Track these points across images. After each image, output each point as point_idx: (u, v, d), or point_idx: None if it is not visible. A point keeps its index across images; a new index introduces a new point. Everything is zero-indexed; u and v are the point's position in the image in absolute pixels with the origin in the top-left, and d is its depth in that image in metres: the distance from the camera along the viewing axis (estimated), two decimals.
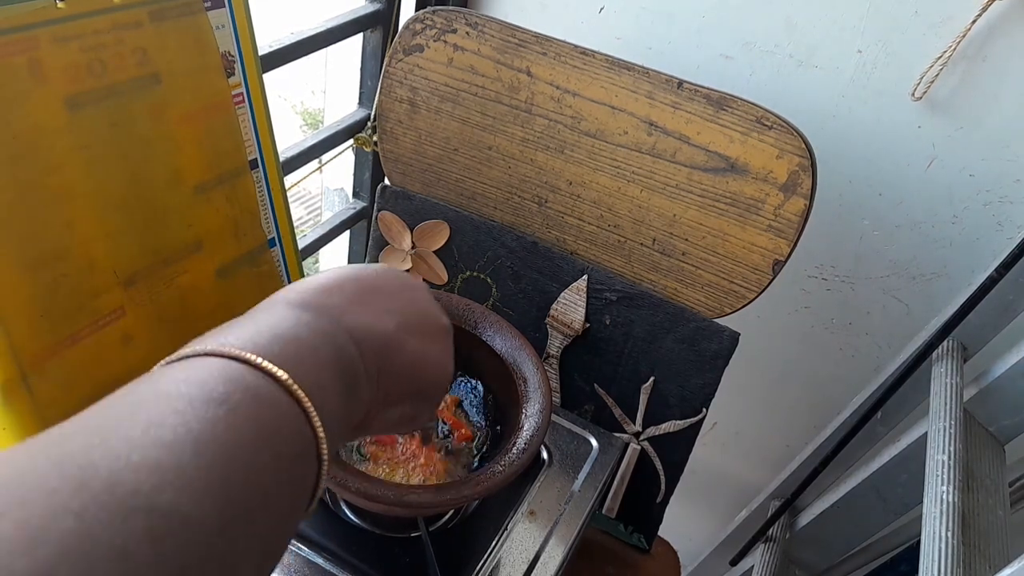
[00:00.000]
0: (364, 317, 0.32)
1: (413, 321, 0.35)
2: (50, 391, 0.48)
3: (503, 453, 0.52)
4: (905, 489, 0.79)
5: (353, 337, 0.31)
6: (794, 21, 0.73)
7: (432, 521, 0.58)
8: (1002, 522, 0.64)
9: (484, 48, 0.67)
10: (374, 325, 0.32)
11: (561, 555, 0.57)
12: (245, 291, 0.64)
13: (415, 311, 0.35)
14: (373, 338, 0.32)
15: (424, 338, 0.35)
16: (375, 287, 0.34)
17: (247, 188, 0.60)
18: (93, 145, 0.47)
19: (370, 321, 0.32)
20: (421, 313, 0.36)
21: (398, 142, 0.75)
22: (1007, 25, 0.65)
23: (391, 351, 0.33)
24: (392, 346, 0.33)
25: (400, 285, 0.36)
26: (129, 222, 0.51)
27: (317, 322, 0.29)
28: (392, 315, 0.34)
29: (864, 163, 0.77)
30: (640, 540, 0.80)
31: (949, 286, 0.80)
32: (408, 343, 0.34)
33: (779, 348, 0.95)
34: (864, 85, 0.73)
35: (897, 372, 0.77)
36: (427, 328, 0.36)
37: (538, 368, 0.58)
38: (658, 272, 0.69)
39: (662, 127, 0.63)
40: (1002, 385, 0.71)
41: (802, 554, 0.95)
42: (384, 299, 0.34)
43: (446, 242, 0.76)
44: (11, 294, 0.44)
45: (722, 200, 0.63)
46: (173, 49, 0.50)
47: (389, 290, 0.35)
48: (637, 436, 0.75)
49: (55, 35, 0.42)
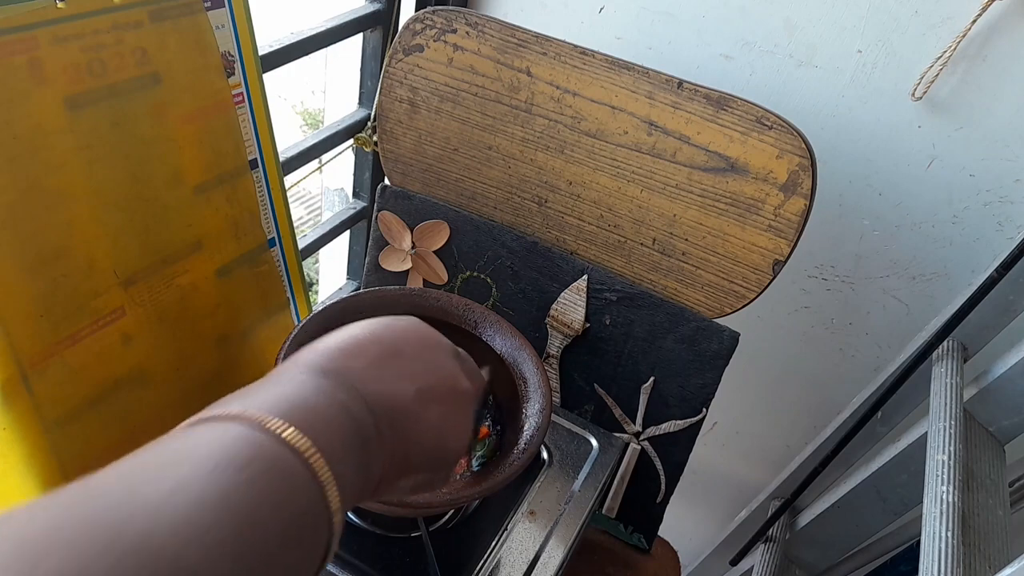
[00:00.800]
0: (383, 385, 0.32)
1: (433, 386, 0.34)
2: (50, 391, 0.48)
3: (503, 453, 0.52)
4: (905, 489, 0.79)
5: (371, 408, 0.31)
6: (794, 21, 0.73)
7: (432, 521, 0.58)
8: (1002, 522, 0.64)
9: (484, 48, 0.67)
10: (394, 394, 0.32)
11: (561, 555, 0.57)
12: (245, 291, 0.64)
13: (437, 376, 0.35)
14: (391, 408, 0.32)
15: (444, 405, 0.34)
16: (397, 350, 0.34)
17: (247, 188, 0.60)
18: (93, 145, 0.47)
19: (389, 390, 0.32)
20: (443, 378, 0.35)
21: (398, 142, 0.75)
22: (1007, 25, 0.65)
23: (409, 422, 0.32)
24: (410, 416, 0.32)
25: (423, 346, 0.36)
26: (129, 222, 0.51)
27: (335, 390, 0.30)
28: (413, 380, 0.33)
29: (864, 163, 0.77)
30: (640, 540, 0.80)
31: (949, 286, 0.80)
32: (426, 412, 0.33)
33: (779, 348, 0.95)
34: (864, 85, 0.73)
35: (897, 372, 0.77)
36: (448, 394, 0.35)
37: (538, 368, 0.58)
38: (658, 272, 0.69)
39: (662, 127, 0.63)
40: (1002, 385, 0.71)
41: (802, 554, 0.95)
42: (406, 363, 0.34)
43: (446, 242, 0.76)
44: (11, 294, 0.44)
45: (722, 200, 0.63)
46: (173, 49, 0.50)
47: (411, 353, 0.34)
48: (637, 436, 0.75)
49: (55, 35, 0.42)
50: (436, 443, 0.34)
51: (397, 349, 0.34)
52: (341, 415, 0.29)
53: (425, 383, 0.34)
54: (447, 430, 0.34)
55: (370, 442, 0.30)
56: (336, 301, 0.60)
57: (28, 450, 0.48)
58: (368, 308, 0.61)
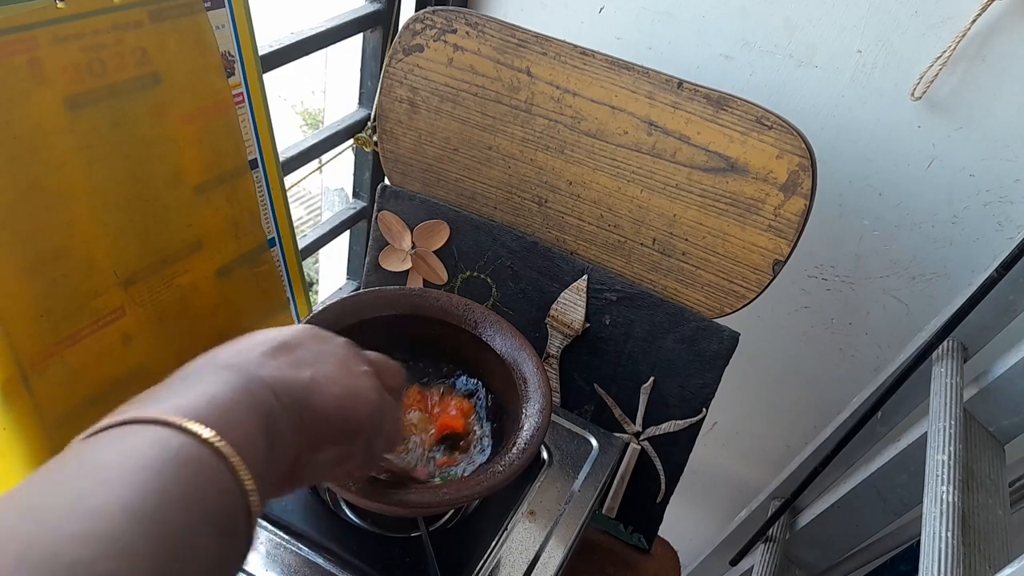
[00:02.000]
0: (281, 371, 0.33)
1: (330, 370, 0.36)
2: (50, 391, 0.48)
3: (503, 453, 0.52)
4: (905, 489, 0.79)
5: (271, 388, 0.32)
6: (794, 21, 0.73)
7: (432, 521, 0.58)
8: (1002, 522, 0.64)
9: (484, 48, 0.67)
10: (291, 376, 0.33)
11: (561, 555, 0.57)
12: (245, 291, 0.64)
13: (332, 361, 0.36)
14: (289, 387, 0.33)
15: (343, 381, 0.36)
16: (288, 344, 0.35)
17: (247, 188, 0.60)
18: (93, 145, 0.47)
19: (287, 374, 0.33)
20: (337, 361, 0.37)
21: (398, 142, 0.75)
22: (1007, 25, 0.65)
23: (309, 395, 0.34)
24: (311, 391, 0.34)
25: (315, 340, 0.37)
26: (129, 222, 0.51)
27: (235, 378, 0.30)
28: (308, 366, 0.35)
29: (864, 163, 0.77)
30: (640, 540, 0.80)
31: (949, 286, 0.80)
32: (326, 387, 0.35)
33: (779, 348, 0.95)
34: (864, 85, 0.73)
35: (897, 372, 0.77)
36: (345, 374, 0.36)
37: (538, 368, 0.58)
38: (658, 272, 0.69)
39: (662, 127, 0.63)
40: (1002, 385, 0.71)
41: (802, 554, 0.95)
42: (302, 353, 0.35)
43: (446, 242, 0.76)
44: (11, 294, 0.44)
45: (722, 200, 0.63)
46: (173, 49, 0.50)
47: (305, 345, 0.36)
48: (637, 436, 0.75)
49: (55, 35, 0.42)
50: (341, 413, 0.35)
51: (290, 344, 0.35)
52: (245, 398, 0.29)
53: (321, 368, 0.35)
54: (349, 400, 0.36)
55: (276, 418, 0.31)
56: (336, 301, 0.60)
57: (28, 450, 0.48)
58: (368, 308, 0.61)
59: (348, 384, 0.36)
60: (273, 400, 0.31)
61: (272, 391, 0.31)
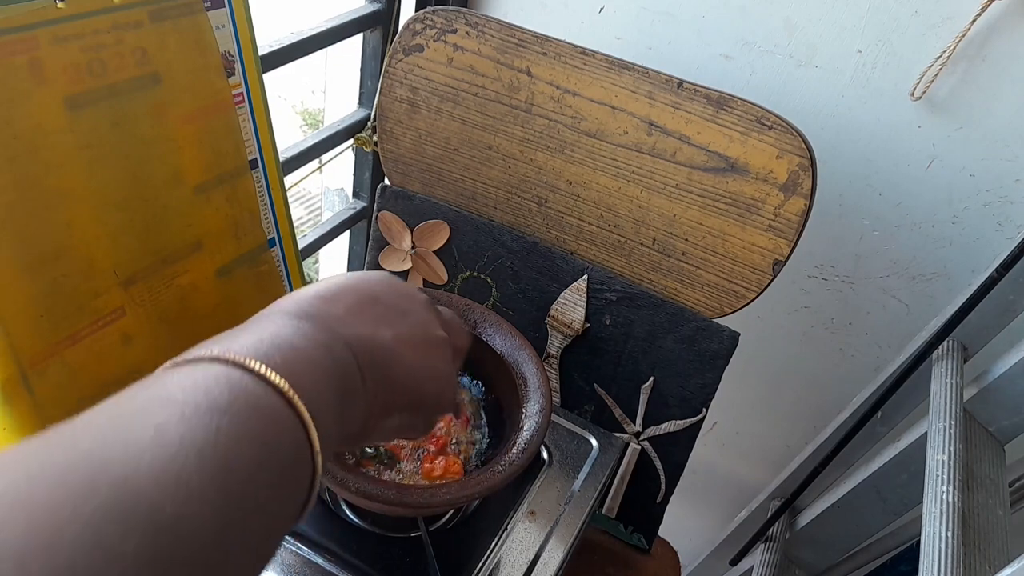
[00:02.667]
0: (361, 328, 0.32)
1: (410, 332, 0.35)
2: (50, 391, 0.48)
3: (503, 453, 0.52)
4: (905, 489, 0.79)
5: (351, 348, 0.31)
6: (794, 21, 0.73)
7: (432, 521, 0.58)
8: (1002, 522, 0.64)
9: (484, 48, 0.67)
10: (372, 336, 0.33)
11: (561, 555, 0.57)
12: (245, 291, 0.64)
13: (413, 322, 0.36)
14: (370, 349, 0.32)
15: (422, 349, 0.35)
16: (373, 297, 0.35)
17: (247, 188, 0.60)
18: (93, 145, 0.47)
19: (368, 332, 0.32)
20: (419, 323, 0.36)
21: (398, 142, 0.75)
22: (1007, 25, 0.65)
23: (388, 361, 0.33)
24: (389, 357, 0.33)
25: (398, 296, 0.36)
26: (129, 222, 0.51)
27: (316, 332, 0.30)
28: (390, 326, 0.34)
29: (864, 163, 0.77)
30: (640, 540, 0.80)
31: (949, 286, 0.80)
32: (406, 354, 0.34)
33: (779, 348, 0.95)
34: (864, 85, 0.73)
35: (897, 372, 0.77)
36: (425, 339, 0.36)
37: (538, 368, 0.58)
38: (658, 272, 0.69)
39: (662, 127, 0.63)
40: (1002, 385, 0.71)
41: (802, 554, 0.95)
42: (382, 309, 0.34)
43: (446, 242, 0.76)
44: (11, 294, 0.44)
45: (722, 200, 0.63)
46: (173, 49, 0.50)
47: (387, 301, 0.35)
48: (637, 436, 0.75)
49: (55, 35, 0.42)
50: (415, 384, 0.34)
51: (374, 296, 0.35)
52: (322, 355, 0.29)
53: (402, 328, 0.34)
54: (424, 372, 0.35)
55: (353, 380, 0.30)
56: None
57: None
58: None
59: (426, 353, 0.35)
60: (352, 362, 0.31)
61: (352, 352, 0.31)
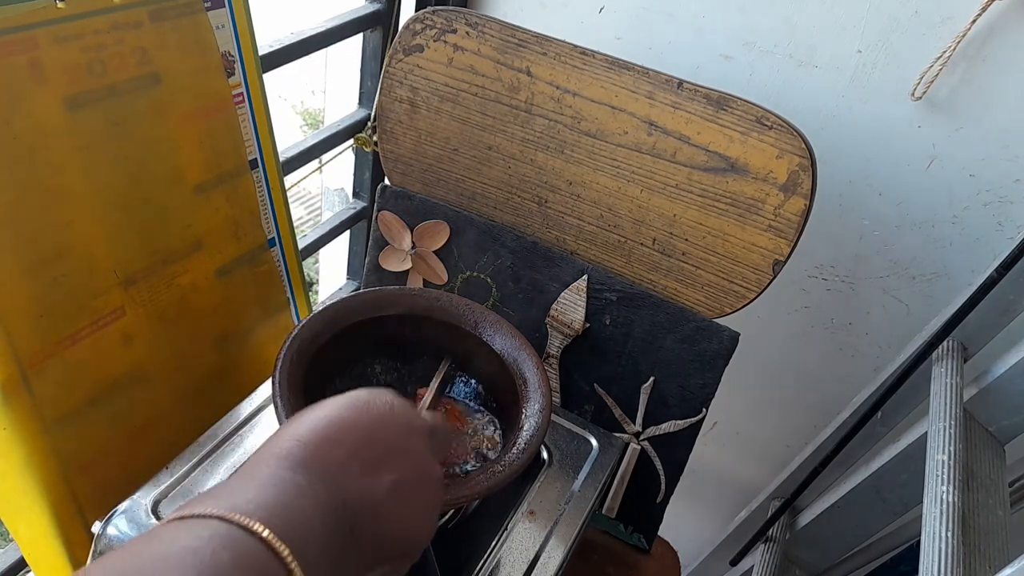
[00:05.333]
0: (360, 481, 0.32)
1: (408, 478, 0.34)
2: (50, 391, 0.48)
3: (503, 453, 0.52)
4: (905, 489, 0.79)
5: (347, 505, 0.31)
6: (794, 21, 0.73)
7: None
8: (1002, 522, 0.64)
9: (484, 48, 0.67)
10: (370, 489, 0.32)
11: (561, 555, 0.57)
12: (245, 291, 0.64)
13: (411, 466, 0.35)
14: (367, 504, 0.32)
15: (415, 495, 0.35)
16: (373, 438, 0.34)
17: (247, 188, 0.60)
18: (93, 145, 0.47)
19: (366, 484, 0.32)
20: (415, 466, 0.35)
21: (398, 142, 0.75)
22: (1007, 25, 0.65)
23: (383, 514, 0.33)
24: (384, 510, 0.33)
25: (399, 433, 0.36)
26: (129, 222, 0.51)
27: (317, 489, 0.30)
28: (388, 472, 0.33)
29: (864, 163, 0.77)
30: (640, 540, 0.80)
31: (949, 286, 0.80)
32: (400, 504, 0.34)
33: (779, 348, 0.95)
34: (864, 85, 0.73)
35: (897, 372, 0.77)
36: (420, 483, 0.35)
37: (538, 368, 0.58)
38: (658, 272, 0.69)
39: (662, 127, 0.63)
40: (1002, 385, 0.71)
41: (802, 554, 0.95)
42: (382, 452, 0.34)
43: (446, 242, 0.76)
44: (11, 294, 0.44)
45: (722, 200, 0.63)
46: (173, 49, 0.50)
47: (388, 441, 0.35)
48: (637, 436, 0.75)
49: (55, 35, 0.42)
50: (407, 534, 0.34)
51: (375, 437, 0.34)
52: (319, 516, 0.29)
53: (399, 474, 0.34)
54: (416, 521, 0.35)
55: (346, 540, 0.31)
56: (336, 301, 0.60)
57: (28, 450, 0.48)
58: (368, 308, 0.60)
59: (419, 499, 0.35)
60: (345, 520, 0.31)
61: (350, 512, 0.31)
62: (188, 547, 0.24)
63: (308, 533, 0.28)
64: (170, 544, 0.25)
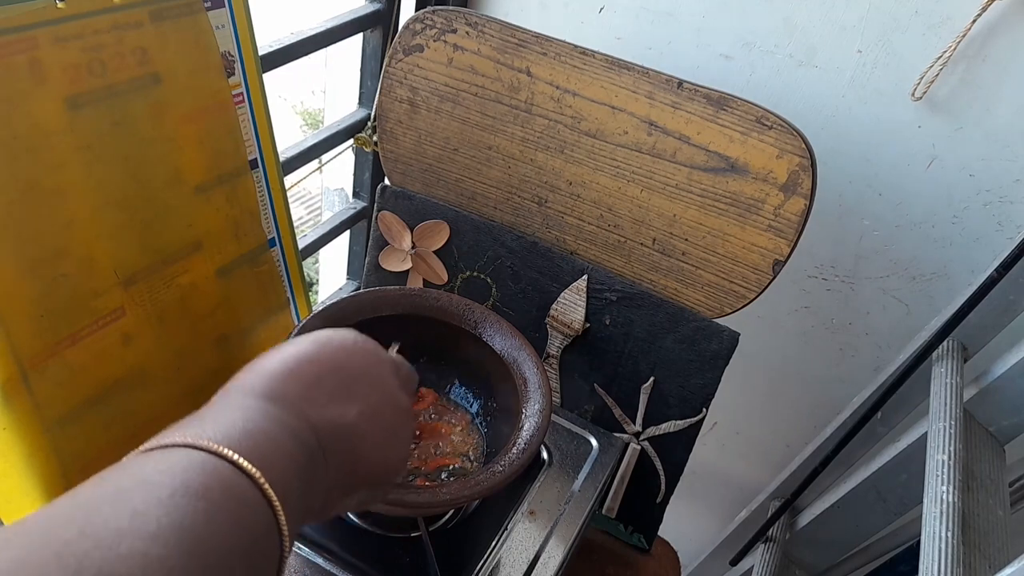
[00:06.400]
0: (327, 407, 0.33)
1: (375, 404, 0.35)
2: (50, 391, 0.48)
3: (503, 453, 0.52)
4: (905, 489, 0.79)
5: (316, 432, 0.31)
6: (794, 21, 0.73)
7: (432, 521, 0.58)
8: (1002, 522, 0.64)
9: (484, 48, 0.67)
10: (337, 417, 0.33)
11: (561, 555, 0.57)
12: (245, 291, 0.64)
13: (378, 395, 0.36)
14: (335, 432, 0.32)
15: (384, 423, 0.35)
16: (338, 367, 0.35)
17: (247, 188, 0.60)
18: (93, 145, 0.47)
19: (333, 413, 0.33)
20: (383, 395, 0.36)
21: (398, 142, 0.75)
22: (1007, 25, 0.65)
23: (352, 443, 0.33)
24: (354, 435, 0.33)
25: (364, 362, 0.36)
26: (129, 222, 0.51)
27: (283, 416, 0.30)
28: (355, 400, 0.34)
29: (864, 163, 0.77)
30: (640, 540, 0.80)
31: (949, 286, 0.80)
32: (369, 430, 0.34)
33: (779, 348, 0.95)
34: (864, 85, 0.73)
35: (897, 372, 0.77)
36: (388, 413, 0.36)
37: (538, 368, 0.58)
38: (658, 272, 0.69)
39: (662, 127, 0.63)
40: (1002, 385, 0.71)
41: (802, 554, 0.95)
42: (348, 380, 0.35)
43: (446, 242, 0.76)
44: (11, 294, 0.44)
45: (722, 200, 0.63)
46: (173, 49, 0.50)
47: (352, 370, 0.35)
48: (637, 436, 0.75)
49: (55, 35, 0.42)
50: (379, 459, 0.35)
51: (338, 367, 0.35)
52: (289, 440, 0.30)
53: (366, 403, 0.34)
54: (389, 447, 0.35)
55: (317, 463, 0.31)
56: (336, 301, 0.60)
57: (28, 450, 0.48)
58: (368, 308, 0.61)
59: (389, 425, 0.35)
60: (317, 447, 0.31)
61: (317, 437, 0.31)
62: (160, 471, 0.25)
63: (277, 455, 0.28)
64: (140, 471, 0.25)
